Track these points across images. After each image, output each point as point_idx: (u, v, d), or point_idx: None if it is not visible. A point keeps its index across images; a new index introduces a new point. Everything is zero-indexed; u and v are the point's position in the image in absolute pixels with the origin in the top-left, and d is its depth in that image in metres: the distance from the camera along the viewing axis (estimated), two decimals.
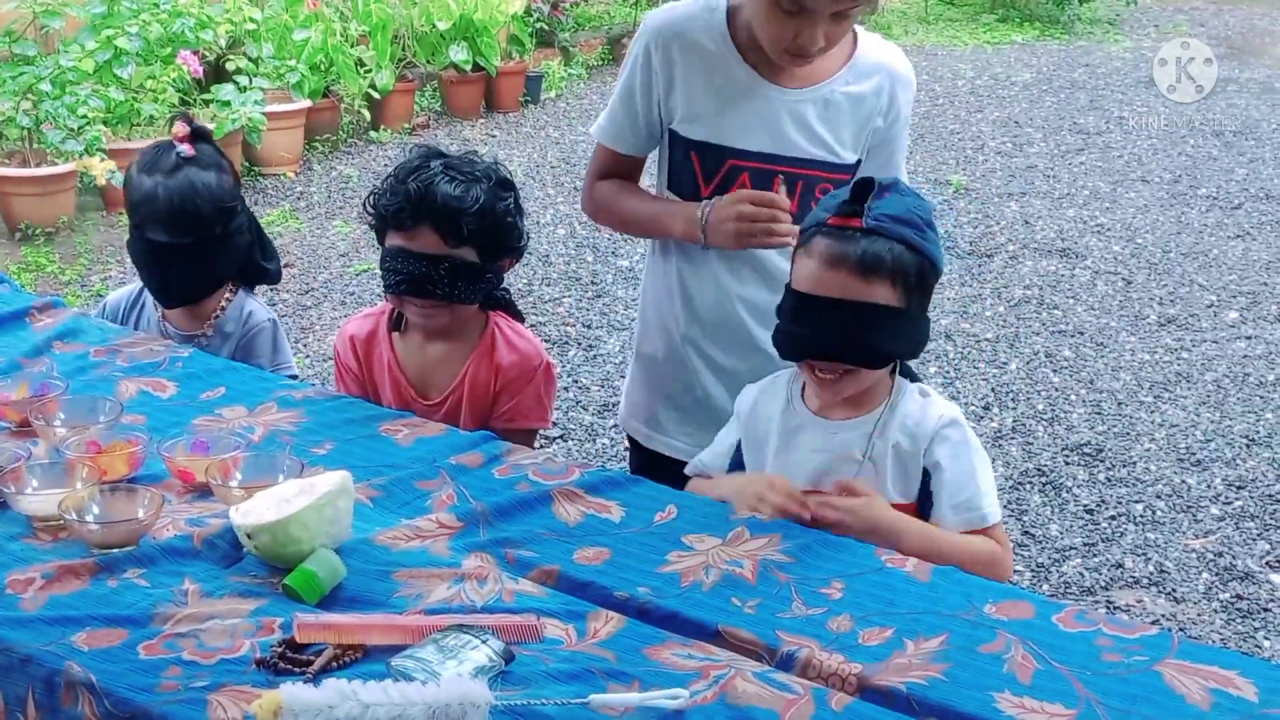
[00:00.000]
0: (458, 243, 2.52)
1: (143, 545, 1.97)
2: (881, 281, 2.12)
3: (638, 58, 2.56)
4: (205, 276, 2.84)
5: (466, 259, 2.54)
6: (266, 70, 7.83)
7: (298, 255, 6.57)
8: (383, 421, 2.47)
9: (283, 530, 1.91)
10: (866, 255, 2.11)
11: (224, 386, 2.58)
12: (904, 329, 2.19)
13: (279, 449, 2.29)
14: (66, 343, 2.74)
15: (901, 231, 2.12)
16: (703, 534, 2.09)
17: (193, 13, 7.50)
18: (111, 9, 7.22)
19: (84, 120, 6.63)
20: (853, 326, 2.13)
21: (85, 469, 2.10)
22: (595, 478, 2.26)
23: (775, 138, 2.49)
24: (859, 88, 2.52)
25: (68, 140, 6.54)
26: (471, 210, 2.51)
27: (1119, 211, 7.52)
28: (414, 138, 8.72)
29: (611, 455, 4.63)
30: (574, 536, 2.08)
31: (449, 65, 9.14)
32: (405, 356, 2.70)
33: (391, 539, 2.03)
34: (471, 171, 2.57)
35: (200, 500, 2.15)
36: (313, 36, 8.13)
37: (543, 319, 5.83)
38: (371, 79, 8.48)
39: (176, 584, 1.89)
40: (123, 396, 2.49)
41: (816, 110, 2.50)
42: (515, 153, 8.35)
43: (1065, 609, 1.89)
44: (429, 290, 2.54)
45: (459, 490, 2.20)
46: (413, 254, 2.52)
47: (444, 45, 9.11)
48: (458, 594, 1.88)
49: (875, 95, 2.53)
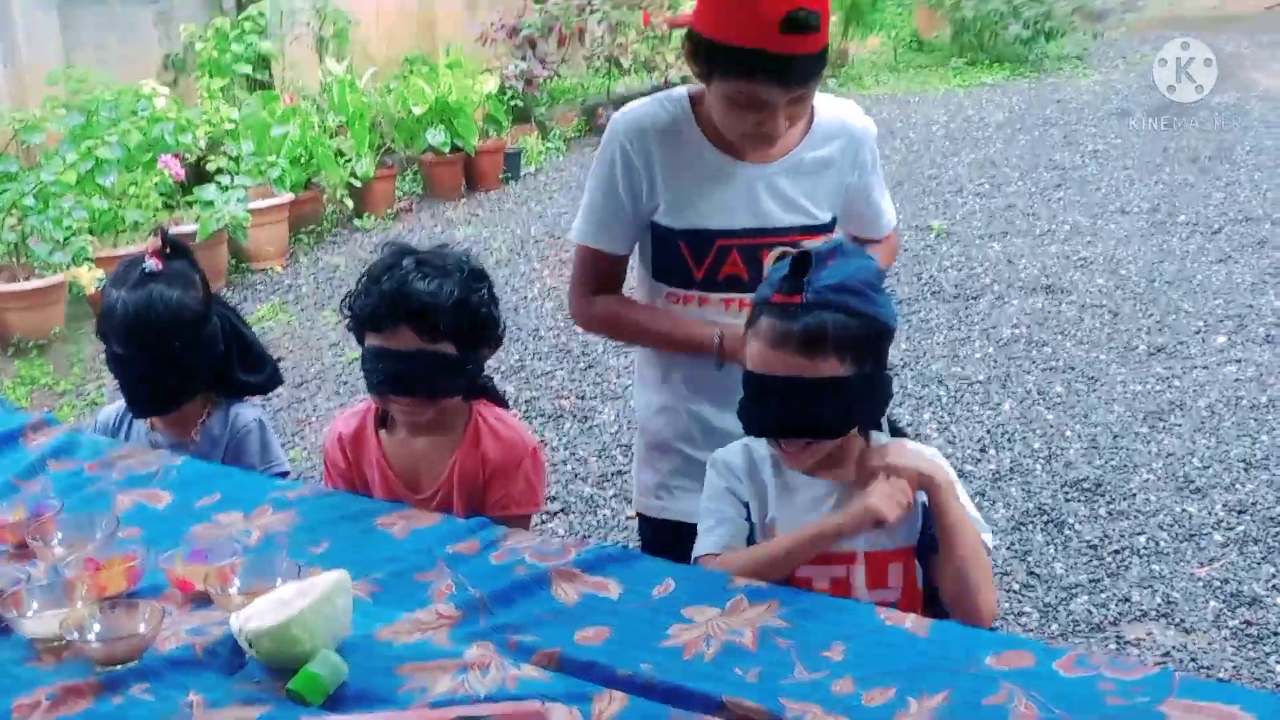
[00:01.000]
0: (435, 338, 2.55)
1: (146, 659, 1.98)
2: (827, 356, 2.13)
3: (614, 157, 2.61)
4: (169, 388, 2.86)
5: (445, 353, 2.57)
6: (248, 167, 7.91)
7: (289, 348, 6.60)
8: (378, 515, 2.49)
9: (284, 633, 1.92)
10: (808, 332, 2.13)
11: (219, 492, 2.59)
12: (858, 396, 2.19)
13: (276, 552, 2.31)
14: (60, 460, 2.76)
15: (844, 300, 2.14)
16: (702, 605, 2.09)
17: (171, 117, 7.58)
18: (90, 120, 7.30)
19: (69, 231, 6.68)
20: (804, 403, 2.16)
21: (84, 587, 2.11)
22: (592, 555, 2.27)
23: (756, 213, 2.58)
24: (824, 152, 2.61)
25: (55, 252, 6.59)
26: (446, 305, 2.53)
27: (1100, 244, 7.57)
28: (398, 221, 8.79)
29: (613, 526, 4.64)
30: (574, 617, 2.09)
31: (428, 148, 9.23)
32: (393, 453, 2.72)
33: (393, 634, 2.04)
34: (444, 265, 2.59)
35: (201, 609, 2.15)
36: (291, 131, 8.21)
37: (536, 393, 5.85)
38: (352, 168, 8.55)
39: (182, 696, 1.90)
40: (119, 510, 2.51)
41: (788, 179, 2.59)
42: (499, 230, 8.41)
43: (1065, 654, 1.90)
44: (411, 387, 2.57)
45: (457, 579, 2.21)
46: (392, 352, 2.55)
47: (421, 129, 9.20)
48: (461, 684, 1.89)
49: (840, 156, 2.63)
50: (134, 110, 7.49)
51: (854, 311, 2.14)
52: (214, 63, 8.42)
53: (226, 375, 2.94)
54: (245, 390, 3.01)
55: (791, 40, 2.29)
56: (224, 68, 8.43)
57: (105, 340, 2.85)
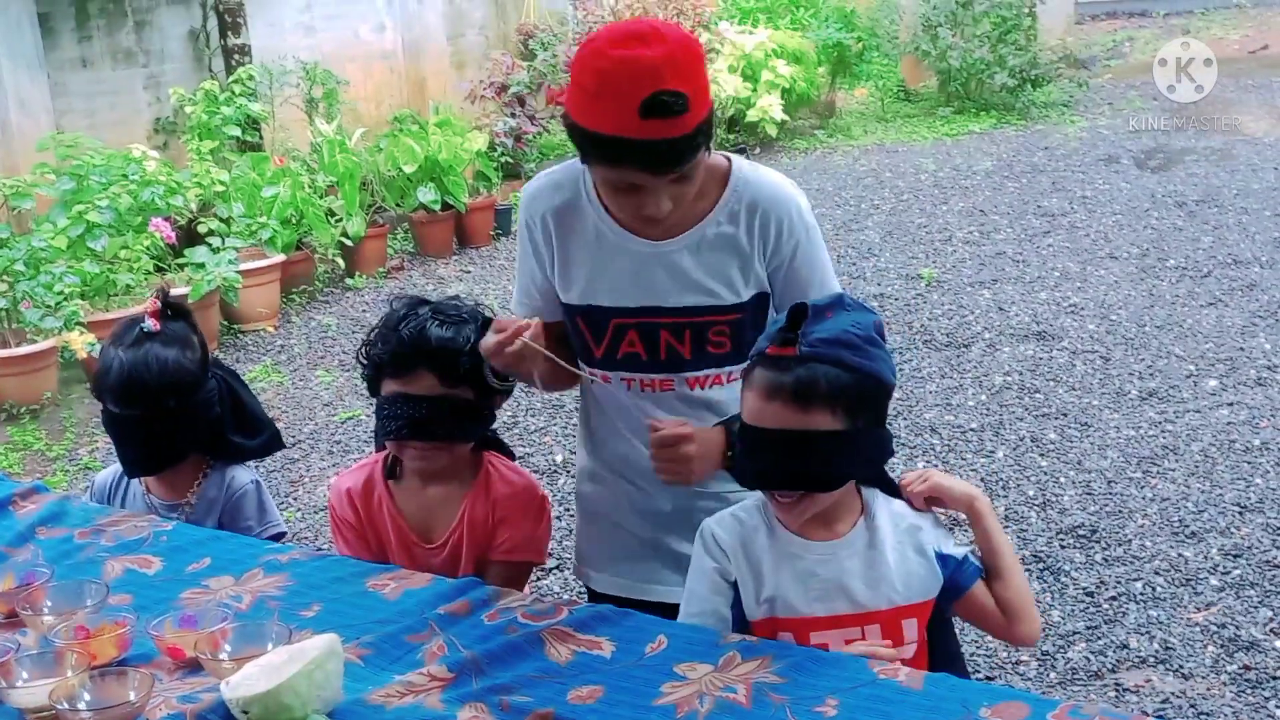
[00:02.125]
0: (455, 383, 2.59)
1: None
2: (819, 409, 2.13)
3: (521, 230, 2.59)
4: (162, 448, 2.86)
5: (465, 398, 2.60)
6: (239, 229, 7.93)
7: (282, 408, 6.60)
8: (369, 577, 2.48)
9: (274, 700, 1.91)
10: (800, 384, 2.13)
11: (209, 557, 2.59)
12: (851, 450, 2.19)
13: (267, 616, 2.30)
14: (50, 527, 2.75)
15: (838, 354, 2.14)
16: (694, 662, 2.09)
17: (161, 180, 7.61)
18: (81, 184, 7.33)
19: (61, 296, 6.69)
20: (796, 455, 2.16)
21: (74, 656, 2.10)
22: (584, 614, 2.27)
23: (652, 291, 2.45)
24: (731, 229, 2.44)
25: (46, 317, 6.59)
26: (466, 350, 2.56)
27: (1091, 290, 7.59)
28: (390, 280, 8.80)
29: None
30: (567, 676, 2.08)
31: (418, 206, 9.26)
32: (404, 503, 2.74)
33: (384, 697, 2.04)
34: (459, 314, 2.64)
35: (191, 676, 2.15)
36: (281, 192, 8.23)
37: (530, 449, 5.85)
38: (343, 227, 8.58)
39: None
40: (109, 576, 2.50)
41: (691, 256, 2.43)
42: (490, 286, 8.42)
43: (1060, 706, 1.89)
44: (431, 432, 2.60)
45: (449, 640, 2.21)
46: (412, 398, 2.58)
47: (412, 187, 9.23)
48: None
49: (748, 235, 2.44)
50: (124, 174, 7.51)
51: (848, 365, 2.14)
52: (204, 125, 8.45)
53: (221, 438, 2.94)
54: (242, 454, 3.01)
55: (654, 125, 2.17)
56: (214, 130, 8.46)
57: (100, 398, 2.87)
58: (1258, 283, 7.47)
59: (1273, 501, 4.86)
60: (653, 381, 2.50)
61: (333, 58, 9.89)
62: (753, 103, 11.64)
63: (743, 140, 11.81)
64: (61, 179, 7.39)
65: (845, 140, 12.34)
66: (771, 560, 2.28)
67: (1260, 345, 6.51)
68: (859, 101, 14.02)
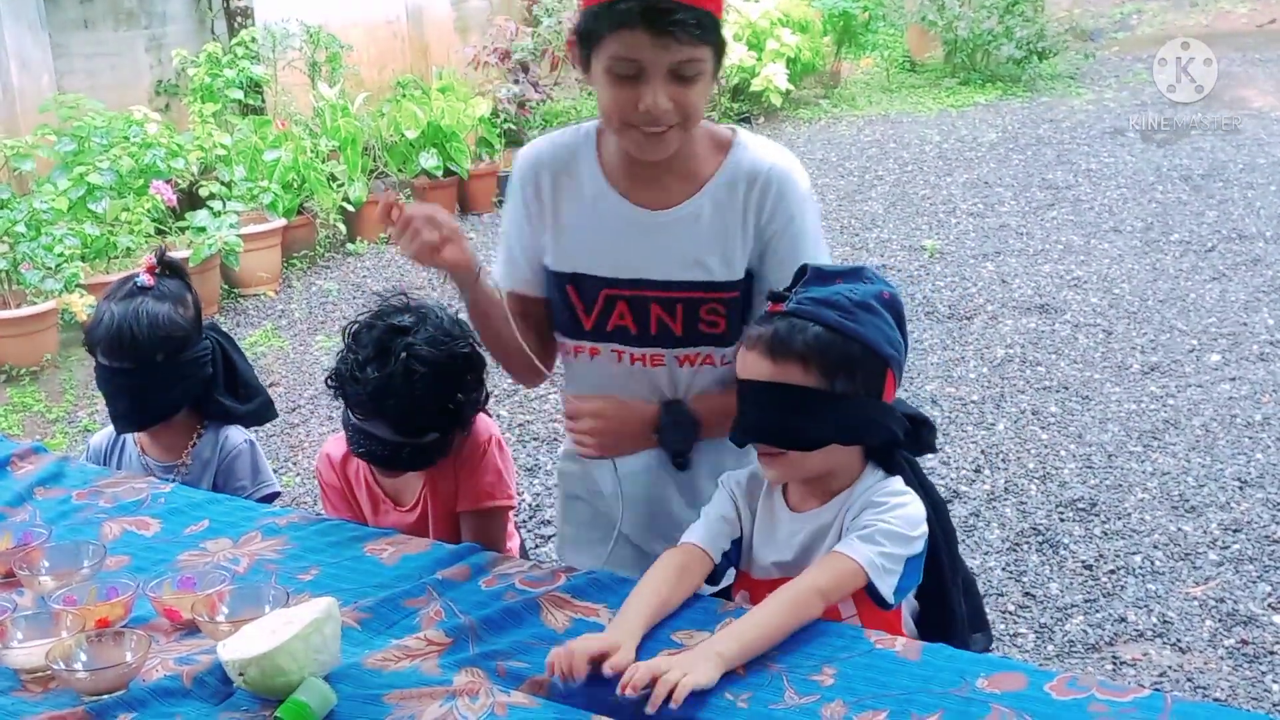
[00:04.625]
0: (415, 434, 2.58)
1: (133, 689, 1.97)
2: (790, 362, 2.11)
3: (515, 193, 2.48)
4: (150, 403, 2.87)
5: (427, 441, 2.61)
6: (240, 193, 7.90)
7: (282, 373, 6.59)
8: (367, 541, 2.48)
9: (271, 662, 1.91)
10: (776, 336, 2.13)
11: (207, 519, 2.59)
12: (826, 412, 2.14)
13: (264, 579, 2.30)
14: (48, 488, 2.75)
15: (821, 313, 2.12)
16: (691, 630, 2.09)
17: (163, 143, 7.58)
18: (82, 146, 7.31)
19: (61, 258, 6.67)
20: (767, 407, 2.15)
21: (70, 617, 2.10)
22: (582, 581, 2.26)
23: (646, 263, 2.38)
24: (728, 199, 2.37)
25: (46, 279, 6.58)
26: (431, 408, 2.56)
27: (1094, 263, 7.57)
28: (391, 246, 8.77)
29: None
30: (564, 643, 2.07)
31: (421, 172, 9.23)
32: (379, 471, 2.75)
33: (381, 661, 2.03)
34: (434, 357, 2.54)
35: (188, 638, 2.15)
36: (283, 156, 8.20)
37: (530, 416, 5.84)
38: (345, 192, 8.55)
39: None
40: (107, 538, 2.50)
41: (685, 229, 2.37)
42: (492, 253, 8.36)
43: (1057, 677, 1.89)
44: (392, 466, 2.63)
45: (446, 605, 2.21)
46: (373, 436, 2.58)
47: (414, 153, 9.20)
48: (450, 712, 1.88)
49: (744, 206, 2.36)
50: (126, 136, 7.49)
51: (828, 324, 2.12)
52: (206, 88, 8.41)
53: (211, 398, 2.94)
54: (233, 418, 3.01)
55: None
56: (216, 93, 8.42)
57: (91, 352, 2.88)
58: (1262, 258, 7.45)
59: (1273, 477, 4.86)
60: (643, 355, 2.42)
61: (336, 22, 9.84)
62: (757, 72, 11.59)
63: (747, 109, 11.77)
64: (62, 140, 7.36)
65: (850, 110, 12.29)
66: (760, 520, 2.30)
67: (1263, 320, 6.49)
68: (864, 71, 13.97)
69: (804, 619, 2.05)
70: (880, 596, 2.11)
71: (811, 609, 2.07)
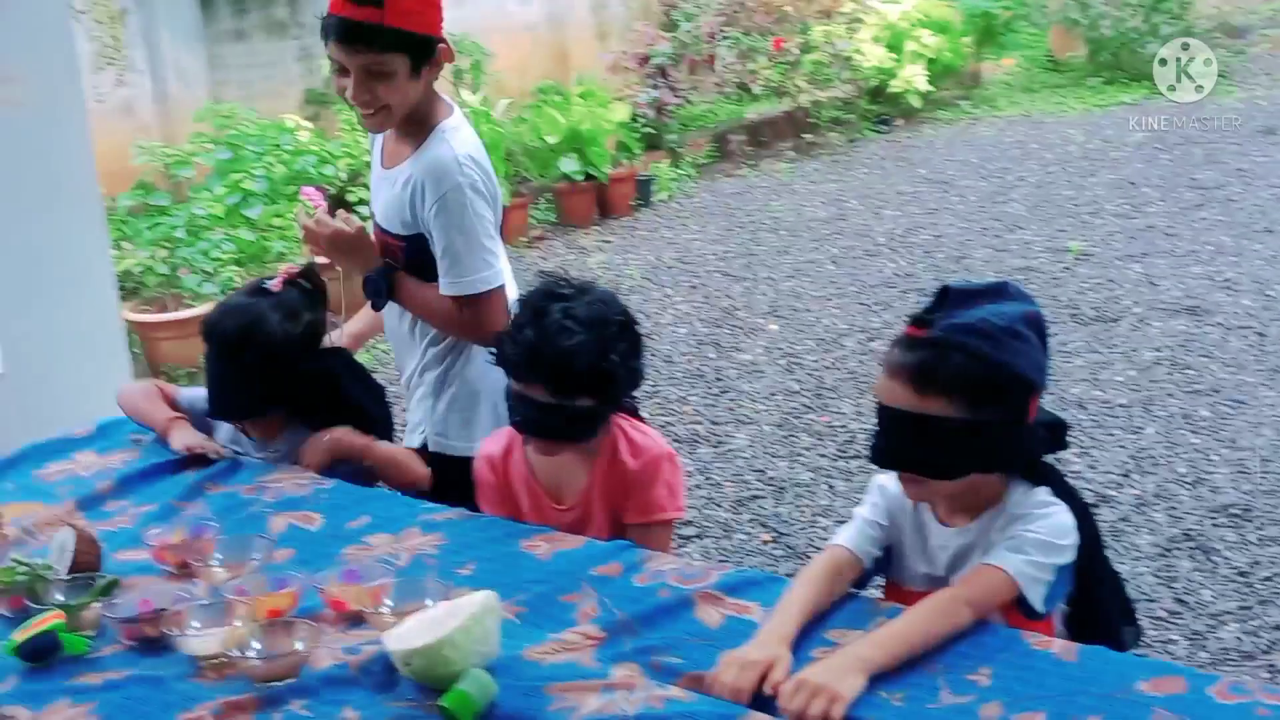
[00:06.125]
0: (570, 394, 2.59)
1: (303, 676, 2.04)
2: (936, 395, 2.09)
3: None
4: (229, 397, 2.96)
5: (582, 406, 2.61)
6: None
7: None
8: (522, 538, 2.53)
9: (435, 653, 1.96)
10: (921, 367, 2.10)
11: (368, 515, 2.66)
12: (972, 441, 2.12)
13: (425, 573, 2.36)
14: (217, 483, 2.85)
15: (967, 341, 2.09)
16: (845, 629, 2.10)
17: (314, 150, 7.77)
18: (237, 154, 7.52)
19: (217, 263, 6.88)
20: (910, 437, 2.13)
21: (243, 606, 2.18)
22: (734, 579, 2.29)
23: (375, 206, 3.12)
24: (405, 175, 2.98)
25: (204, 283, 6.79)
26: (582, 367, 2.57)
27: (1246, 265, 7.39)
28: (532, 249, 8.89)
29: (749, 550, 4.64)
30: (718, 639, 2.11)
31: (561, 177, 9.33)
32: (538, 467, 2.78)
33: (540, 654, 2.08)
34: (589, 318, 2.61)
35: (354, 628, 2.21)
36: None
37: (670, 419, 5.88)
38: None
39: (338, 713, 1.95)
40: (273, 531, 2.58)
41: (388, 189, 3.04)
42: (631, 256, 8.47)
43: (1220, 681, 1.87)
44: (545, 434, 2.63)
45: (601, 601, 2.25)
46: (528, 400, 2.60)
47: (555, 158, 9.31)
48: (609, 704, 1.91)
49: (408, 186, 2.96)
50: (278, 144, 7.69)
51: (977, 354, 2.09)
52: None
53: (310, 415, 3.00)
54: None
55: (352, 9, 2.81)
56: None
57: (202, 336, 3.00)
58: None
59: None
60: None
61: (479, 30, 9.98)
62: (896, 73, 11.51)
63: (885, 111, 11.69)
64: (219, 148, 7.58)
65: (990, 111, 12.14)
66: (910, 529, 2.30)
67: None
68: (1005, 71, 13.77)
69: (953, 629, 2.05)
70: (1030, 606, 2.11)
71: (960, 618, 2.07)
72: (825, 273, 7.89)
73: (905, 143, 11.19)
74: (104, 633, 2.24)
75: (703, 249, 8.59)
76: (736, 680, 1.96)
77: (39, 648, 2.16)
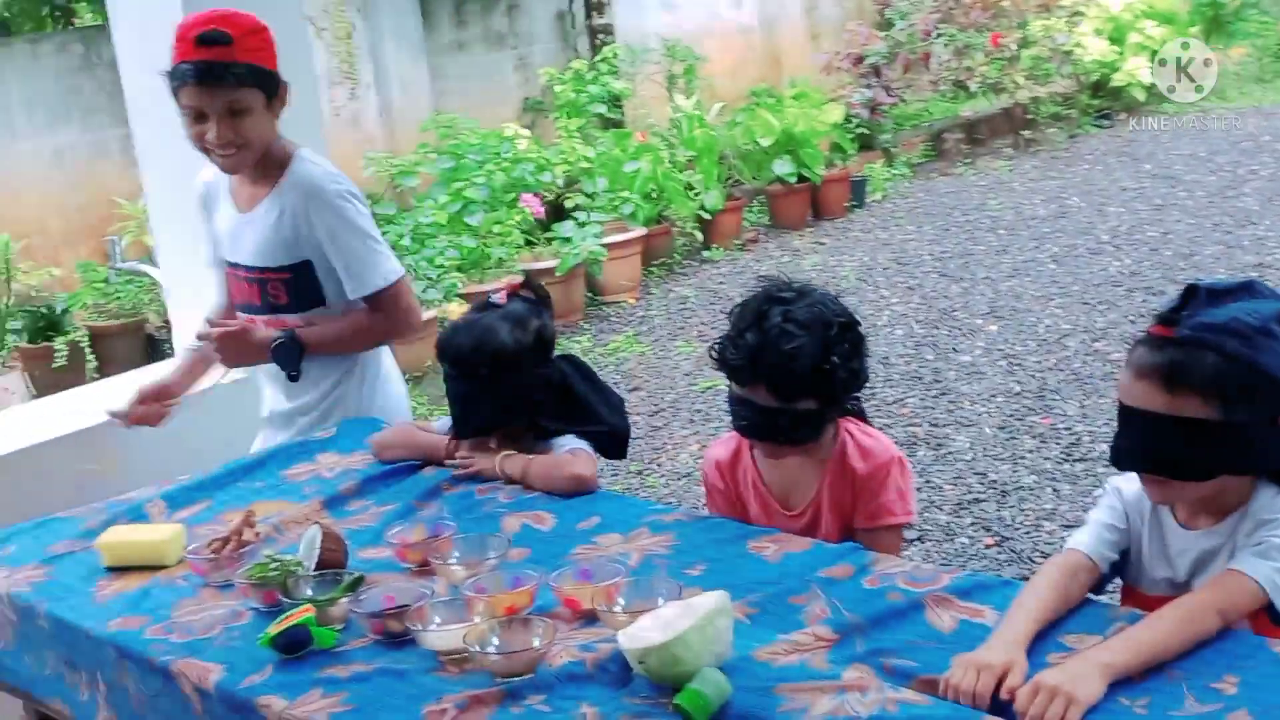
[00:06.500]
0: (792, 398, 2.59)
1: (540, 672, 2.09)
2: (1187, 395, 2.04)
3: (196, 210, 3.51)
4: (471, 413, 2.98)
5: (804, 409, 2.61)
6: (602, 204, 8.20)
7: (645, 378, 6.79)
8: (750, 539, 2.55)
9: (669, 652, 1.99)
10: (1171, 367, 2.05)
11: (598, 515, 2.71)
12: (1223, 442, 2.06)
13: (655, 573, 2.40)
14: (454, 484, 2.94)
15: (1220, 341, 2.03)
16: (1081, 634, 2.07)
17: (532, 158, 7.95)
18: (459, 163, 7.73)
19: (441, 269, 7.09)
20: (1159, 439, 2.08)
21: (482, 603, 2.25)
22: (966, 582, 2.27)
23: (237, 252, 3.29)
24: (276, 210, 3.20)
25: (428, 289, 7.00)
26: (805, 371, 2.56)
27: None
28: (745, 252, 8.92)
29: (971, 554, 4.58)
30: (950, 644, 2.09)
31: (774, 179, 9.34)
32: (766, 472, 2.79)
33: (771, 654, 2.09)
34: (809, 320, 2.60)
35: (588, 626, 2.26)
36: (643, 167, 8.46)
37: (888, 421, 5.83)
38: (701, 200, 8.74)
39: (575, 709, 2.00)
40: (507, 531, 2.65)
41: (254, 230, 3.24)
42: (845, 258, 8.42)
43: None
44: (770, 437, 2.63)
45: (831, 603, 2.25)
46: (753, 405, 2.61)
47: (768, 160, 9.33)
48: (841, 706, 1.92)
49: (283, 215, 3.20)
50: (497, 152, 7.89)
51: (1229, 354, 2.03)
52: (571, 104, 8.78)
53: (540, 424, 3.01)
54: None
55: (205, 51, 3.01)
56: (580, 108, 8.77)
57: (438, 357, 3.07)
58: None
59: None
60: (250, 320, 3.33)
61: (691, 34, 10.07)
62: (1119, 66, 11.21)
63: (1107, 105, 11.40)
64: (441, 158, 7.81)
65: (1220, 103, 11.72)
66: (1150, 533, 2.25)
67: None
68: (1235, 62, 13.28)
69: (1198, 637, 1.99)
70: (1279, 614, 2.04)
71: (1208, 626, 2.00)
72: (1046, 272, 7.73)
73: (1128, 137, 10.90)
74: (350, 627, 2.33)
75: (918, 249, 8.50)
76: (974, 684, 1.95)
77: (291, 640, 2.25)
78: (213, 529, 2.78)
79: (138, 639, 2.40)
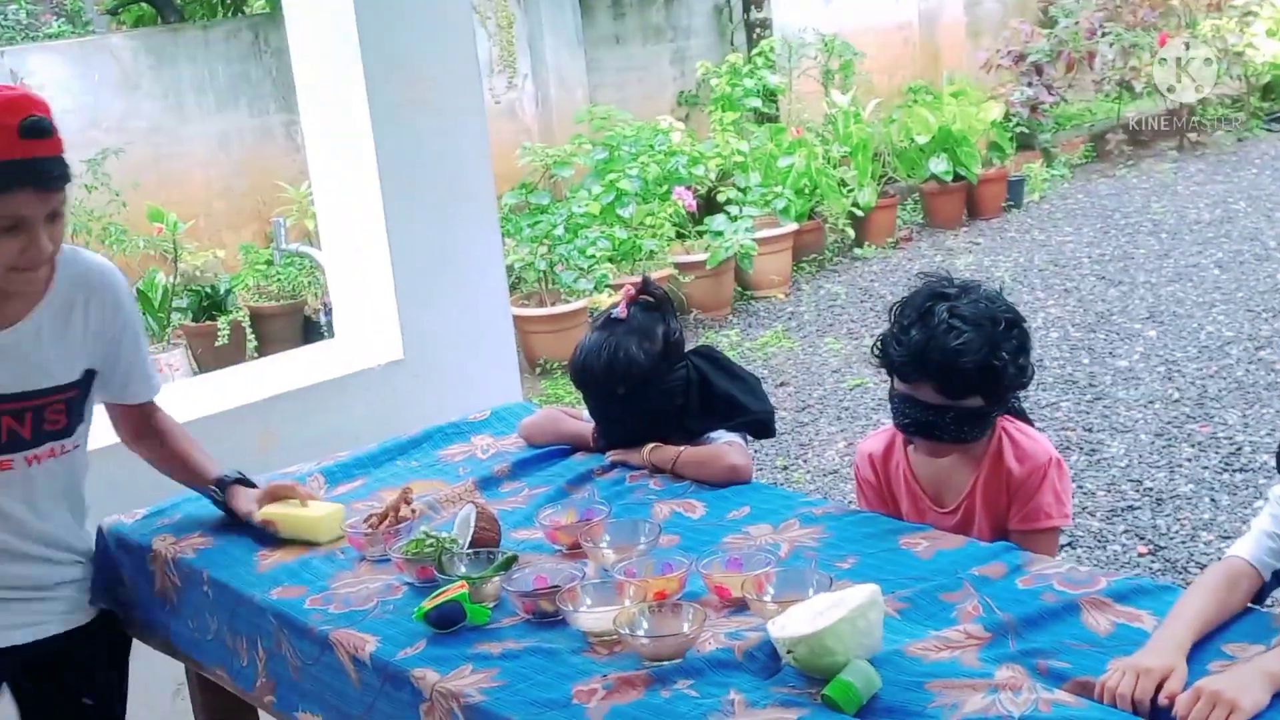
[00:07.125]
0: (958, 395, 2.56)
1: (689, 658, 2.10)
2: None
3: None
4: (613, 431, 2.98)
5: (970, 406, 2.58)
6: (754, 198, 8.18)
7: (792, 374, 6.77)
8: (902, 535, 2.53)
9: (819, 642, 1.99)
10: None
11: (748, 505, 2.71)
12: None
13: (806, 564, 2.39)
14: (604, 470, 2.96)
15: None
16: (1244, 642, 2.02)
17: (685, 151, 7.97)
18: (613, 154, 7.79)
19: (592, 260, 7.15)
20: None
21: (632, 587, 2.27)
22: (1124, 586, 2.23)
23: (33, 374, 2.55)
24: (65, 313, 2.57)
25: (579, 279, 7.06)
26: (971, 367, 2.53)
27: None
28: (898, 251, 8.83)
29: (1124, 562, 4.49)
30: (1107, 647, 2.05)
31: (929, 177, 9.24)
32: (919, 468, 2.77)
33: (922, 650, 2.08)
34: (975, 316, 2.57)
35: (737, 614, 2.26)
36: (796, 162, 8.43)
37: (1040, 424, 5.71)
38: (854, 197, 8.68)
39: (723, 694, 2.00)
40: (657, 517, 2.67)
41: (27, 344, 2.53)
42: (1000, 259, 8.30)
43: None
44: (935, 435, 2.60)
45: (984, 601, 2.22)
46: (915, 401, 2.59)
47: (923, 158, 9.23)
48: (993, 704, 1.89)
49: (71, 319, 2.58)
50: (651, 145, 7.93)
51: None
52: (725, 98, 8.78)
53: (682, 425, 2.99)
54: None
55: (33, 145, 2.33)
56: (734, 102, 8.77)
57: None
58: None
59: None
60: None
61: (849, 30, 10.00)
62: None
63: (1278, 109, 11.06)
64: (596, 149, 7.87)
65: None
66: None
67: None
68: None
69: None
70: None
71: None
72: (1209, 277, 7.54)
73: None
74: (502, 605, 2.36)
75: (1076, 251, 8.34)
76: (1132, 688, 1.91)
77: (445, 615, 2.30)
78: (369, 505, 2.84)
79: (298, 608, 2.47)
